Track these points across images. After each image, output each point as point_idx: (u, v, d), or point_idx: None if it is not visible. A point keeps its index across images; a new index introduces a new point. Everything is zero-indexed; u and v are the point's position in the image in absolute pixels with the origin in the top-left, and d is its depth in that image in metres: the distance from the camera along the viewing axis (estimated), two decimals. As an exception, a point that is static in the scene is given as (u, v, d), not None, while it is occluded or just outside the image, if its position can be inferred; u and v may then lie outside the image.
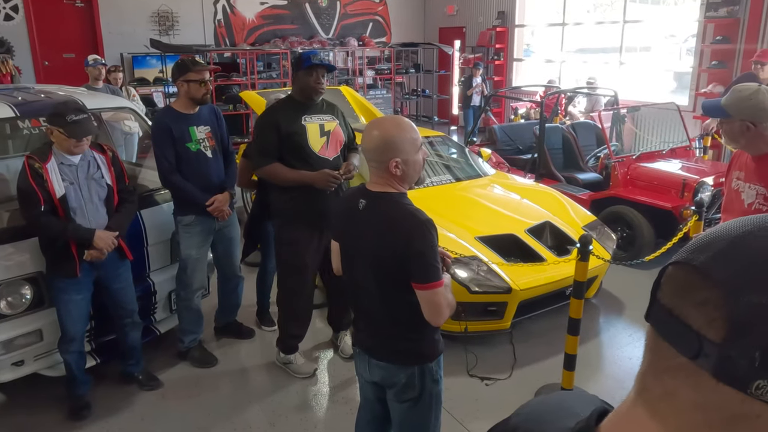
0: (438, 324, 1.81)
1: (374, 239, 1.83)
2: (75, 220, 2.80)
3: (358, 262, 1.92)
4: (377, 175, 1.86)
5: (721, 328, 0.42)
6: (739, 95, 2.20)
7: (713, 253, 0.45)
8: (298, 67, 3.15)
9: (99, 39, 10.03)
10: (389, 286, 1.83)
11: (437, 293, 1.77)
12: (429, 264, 1.75)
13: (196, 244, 3.35)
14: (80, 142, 2.76)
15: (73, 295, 2.86)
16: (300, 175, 3.13)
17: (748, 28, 7.34)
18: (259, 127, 3.22)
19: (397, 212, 1.81)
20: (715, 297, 0.43)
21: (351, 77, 11.17)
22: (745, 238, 0.45)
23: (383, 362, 1.93)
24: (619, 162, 5.34)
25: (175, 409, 3.16)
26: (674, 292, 0.47)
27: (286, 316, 3.40)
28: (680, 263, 0.48)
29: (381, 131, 1.83)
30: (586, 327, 3.87)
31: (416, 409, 1.95)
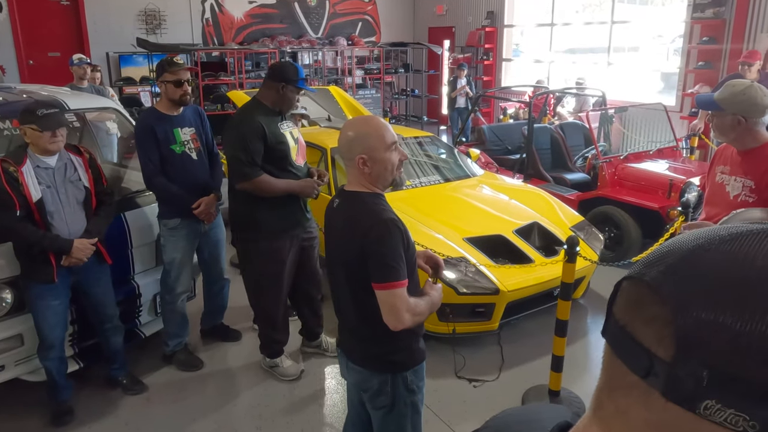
0: (395, 329, 1.72)
1: (340, 238, 1.82)
2: (52, 224, 2.75)
3: (333, 263, 1.91)
4: (350, 174, 1.87)
5: (669, 346, 0.41)
6: (732, 90, 2.27)
7: (663, 268, 0.44)
8: (283, 79, 3.06)
9: (85, 37, 9.92)
10: (357, 287, 1.80)
11: (394, 294, 1.70)
12: (385, 263, 1.70)
13: (181, 247, 3.31)
14: (55, 136, 2.71)
15: (50, 300, 2.80)
16: (288, 185, 3.10)
17: (734, 29, 7.40)
18: (244, 134, 2.99)
19: (360, 210, 1.79)
20: (664, 313, 0.42)
21: (340, 77, 11.14)
22: (695, 252, 0.44)
23: (357, 366, 1.91)
24: (606, 162, 5.36)
25: (160, 413, 3.12)
26: (626, 307, 0.46)
27: (268, 326, 3.37)
28: (632, 278, 0.46)
29: (350, 128, 1.85)
30: (574, 327, 3.88)
31: (390, 417, 1.91)
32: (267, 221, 3.12)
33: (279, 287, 3.27)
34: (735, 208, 2.35)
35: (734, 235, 0.44)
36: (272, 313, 3.33)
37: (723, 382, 0.38)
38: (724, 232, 0.45)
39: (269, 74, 3.16)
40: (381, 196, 1.85)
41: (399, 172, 1.87)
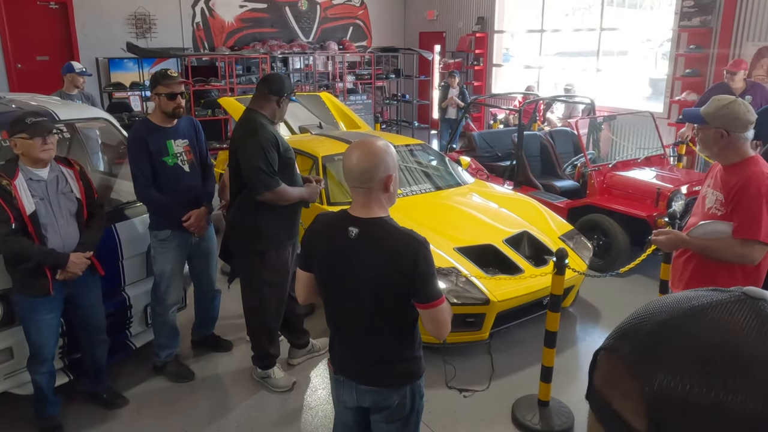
0: (443, 338, 1.88)
1: (374, 265, 1.80)
2: (46, 236, 2.74)
3: (349, 291, 1.88)
4: (366, 198, 1.84)
5: (644, 419, 0.44)
6: (717, 104, 2.35)
7: (635, 343, 0.47)
8: (282, 92, 3.12)
9: (74, 41, 9.85)
10: (391, 309, 1.84)
11: (443, 310, 1.82)
12: (434, 283, 1.81)
13: (171, 259, 3.31)
14: (45, 143, 2.70)
15: (44, 314, 2.79)
16: (300, 193, 3.16)
17: (720, 37, 7.50)
18: (263, 144, 2.97)
19: (397, 236, 1.82)
20: (637, 389, 0.45)
21: (331, 82, 11.15)
22: (662, 328, 0.46)
23: (375, 387, 1.93)
24: (595, 171, 5.41)
25: (151, 425, 3.11)
26: (605, 380, 0.49)
27: (266, 338, 3.37)
28: (607, 350, 0.50)
29: (370, 150, 1.82)
30: (564, 336, 3.92)
31: (406, 427, 1.98)
32: (274, 232, 3.15)
33: (282, 298, 3.30)
34: (706, 219, 2.41)
35: (697, 309, 0.47)
36: (272, 324, 3.34)
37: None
38: (689, 305, 0.47)
39: (270, 88, 3.13)
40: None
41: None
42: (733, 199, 2.32)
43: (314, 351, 3.73)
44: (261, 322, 3.33)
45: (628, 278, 4.97)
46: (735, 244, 2.30)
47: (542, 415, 3.09)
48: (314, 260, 1.95)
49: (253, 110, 3.15)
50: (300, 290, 2.04)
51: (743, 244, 2.28)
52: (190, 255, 3.47)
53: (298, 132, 6.01)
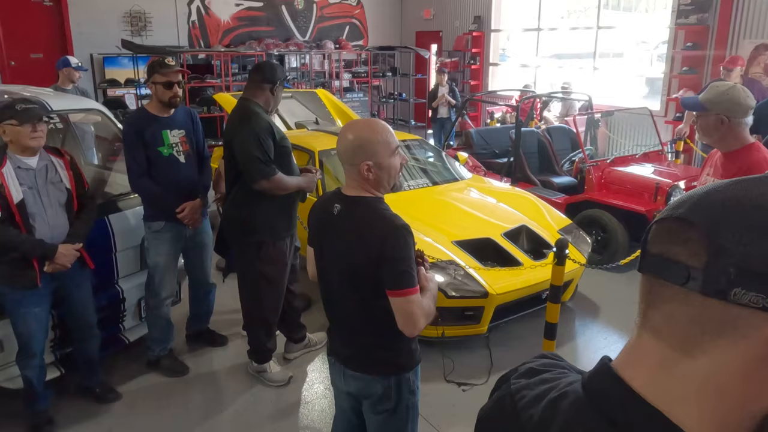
0: (412, 335, 1.74)
1: (349, 245, 1.77)
2: (34, 226, 2.68)
3: (332, 269, 1.86)
4: (351, 179, 1.82)
5: (702, 256, 0.54)
6: (716, 90, 2.34)
7: (689, 205, 0.58)
8: (275, 79, 3.06)
9: (68, 39, 9.78)
10: (365, 293, 1.78)
11: (411, 301, 1.70)
12: (402, 270, 1.69)
13: (165, 251, 3.25)
14: (35, 131, 2.65)
15: (32, 307, 2.72)
16: (297, 182, 3.11)
17: (717, 35, 7.50)
18: (258, 133, 2.92)
19: (372, 217, 1.76)
20: (696, 235, 0.55)
21: (327, 80, 11.11)
22: (710, 192, 0.58)
23: (359, 373, 1.88)
24: (593, 166, 5.38)
25: (144, 420, 3.05)
26: (662, 240, 0.59)
27: (263, 332, 3.32)
28: (664, 219, 0.60)
29: (354, 134, 1.79)
30: (562, 331, 3.88)
31: (392, 420, 1.91)
32: (271, 223, 3.09)
33: (280, 291, 3.25)
34: None
35: (737, 180, 0.59)
36: (270, 318, 3.29)
37: (745, 275, 0.52)
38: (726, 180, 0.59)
39: (262, 77, 3.07)
40: (383, 200, 1.84)
41: (399, 176, 1.86)
42: None
43: (311, 345, 3.68)
44: (258, 316, 3.28)
45: (626, 273, 4.94)
46: None
47: (542, 409, 3.04)
48: (313, 236, 1.96)
49: (247, 99, 3.09)
50: (309, 265, 2.03)
51: None
52: (185, 248, 3.41)
53: (294, 128, 5.98)
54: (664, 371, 0.58)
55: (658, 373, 0.58)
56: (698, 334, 0.55)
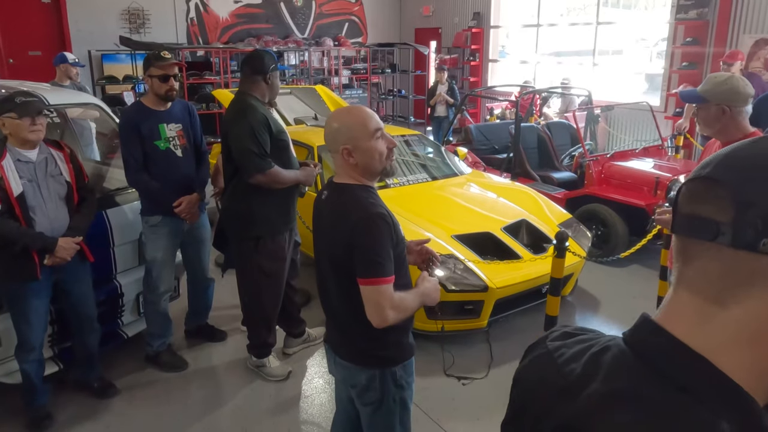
0: (378, 326, 1.68)
1: (329, 232, 1.79)
2: (34, 219, 2.67)
3: (320, 257, 1.87)
4: (338, 166, 1.83)
5: (730, 211, 0.58)
6: (715, 81, 2.35)
7: (714, 164, 0.61)
8: (266, 69, 3.00)
9: (66, 36, 9.76)
10: (345, 280, 1.75)
11: (378, 291, 1.66)
12: (370, 258, 1.66)
13: (163, 245, 3.24)
14: (35, 124, 2.64)
15: (32, 300, 2.71)
16: (295, 176, 3.07)
17: (717, 30, 7.48)
18: (253, 126, 2.88)
19: (349, 203, 1.75)
20: (722, 191, 0.59)
21: (327, 77, 11.08)
22: (734, 150, 0.62)
23: (345, 361, 1.87)
24: (593, 161, 5.37)
25: (143, 415, 3.04)
26: (691, 200, 0.62)
27: (263, 327, 3.30)
28: (692, 180, 0.63)
29: (333, 119, 1.81)
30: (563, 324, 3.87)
31: (379, 413, 1.88)
32: (269, 217, 3.06)
33: (279, 286, 3.22)
34: None
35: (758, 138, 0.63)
36: (269, 313, 3.26)
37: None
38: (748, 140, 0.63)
39: (252, 68, 3.04)
40: (371, 189, 1.81)
41: (390, 161, 1.81)
42: None
43: (310, 340, 3.67)
44: (257, 311, 3.26)
45: (626, 268, 4.94)
46: None
47: (542, 402, 3.03)
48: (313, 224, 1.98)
49: (243, 93, 3.07)
50: None
51: None
52: (183, 242, 3.40)
53: (293, 123, 5.96)
54: (701, 323, 0.60)
55: (697, 325, 0.61)
56: (731, 286, 0.58)
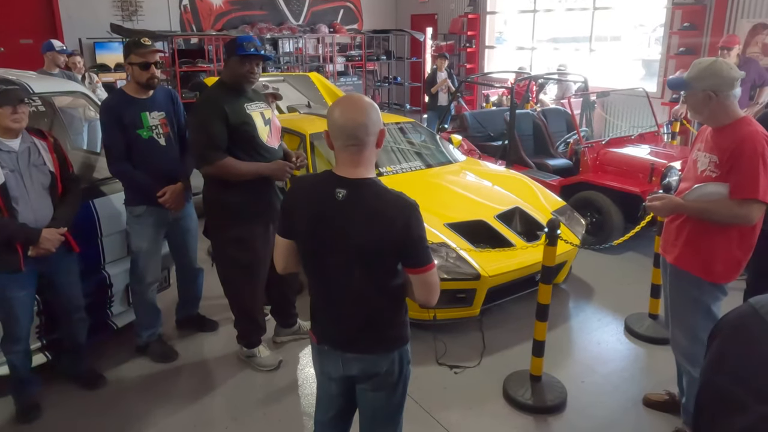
0: (432, 303, 1.81)
1: (364, 229, 1.70)
2: (17, 209, 2.62)
3: (335, 256, 1.77)
4: (357, 157, 1.72)
5: None
6: (698, 66, 2.34)
7: None
8: (231, 53, 2.95)
9: (58, 24, 9.65)
10: (380, 274, 1.76)
11: (433, 273, 1.77)
12: (425, 246, 1.74)
13: (148, 235, 3.19)
14: (16, 113, 2.59)
15: (16, 291, 2.68)
16: (257, 168, 2.97)
17: (714, 15, 7.40)
18: (204, 118, 2.88)
19: (388, 198, 1.72)
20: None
21: (321, 64, 10.98)
22: None
23: (364, 354, 1.85)
24: (588, 147, 5.33)
25: (133, 406, 3.02)
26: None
27: (245, 318, 3.27)
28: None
29: (361, 104, 1.72)
30: (556, 312, 3.86)
31: (393, 394, 1.92)
32: (236, 207, 3.00)
33: (252, 277, 3.16)
34: (699, 182, 2.35)
35: None
36: (247, 304, 3.22)
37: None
38: None
39: (225, 51, 3.08)
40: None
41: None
42: (728, 159, 2.27)
43: (301, 333, 3.63)
44: (237, 302, 3.24)
45: (621, 255, 4.92)
46: (733, 204, 2.25)
47: (534, 390, 3.02)
48: (296, 226, 1.82)
49: (217, 80, 3.10)
50: (278, 258, 1.93)
51: (741, 204, 2.23)
52: (170, 233, 3.36)
53: (286, 111, 5.90)
54: None
55: None
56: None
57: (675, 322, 2.59)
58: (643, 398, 3.02)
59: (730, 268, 2.40)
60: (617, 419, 2.93)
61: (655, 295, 3.74)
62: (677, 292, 2.55)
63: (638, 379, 3.25)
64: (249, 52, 2.91)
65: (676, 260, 2.49)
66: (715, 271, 2.39)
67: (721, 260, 2.38)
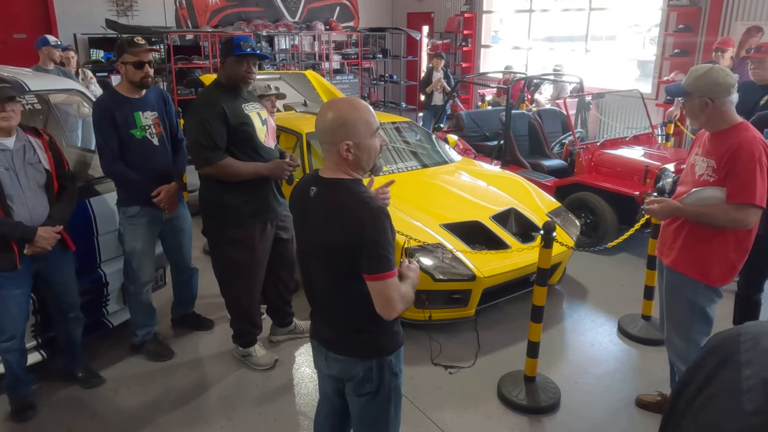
0: (389, 318, 1.71)
1: (325, 228, 1.74)
2: (12, 207, 2.62)
3: (310, 253, 1.83)
4: (329, 159, 1.77)
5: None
6: (696, 73, 2.36)
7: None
8: (227, 53, 2.95)
9: (52, 19, 9.58)
10: (343, 276, 1.74)
11: (388, 285, 1.67)
12: (380, 254, 1.65)
13: (142, 236, 3.18)
14: (5, 111, 2.58)
15: (12, 289, 2.67)
16: (256, 168, 2.98)
17: (709, 17, 7.45)
18: (204, 118, 2.87)
19: (348, 199, 1.72)
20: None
21: (317, 62, 10.97)
22: None
23: (341, 356, 1.86)
24: (583, 149, 5.35)
25: (128, 405, 3.02)
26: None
27: (241, 318, 3.28)
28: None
29: (334, 112, 1.74)
30: (550, 313, 3.88)
31: (375, 402, 1.89)
32: (234, 207, 3.00)
33: (250, 277, 3.16)
34: (697, 186, 2.38)
35: None
36: (244, 303, 3.23)
37: None
38: None
39: (221, 52, 3.08)
40: (361, 182, 1.79)
41: (378, 157, 1.81)
42: (726, 164, 2.30)
43: (297, 332, 3.64)
44: (233, 302, 3.25)
45: (615, 256, 4.95)
46: (730, 209, 2.28)
47: (528, 391, 3.05)
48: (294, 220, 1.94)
49: (214, 80, 3.08)
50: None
51: (738, 209, 2.27)
52: (163, 233, 3.35)
53: (282, 110, 5.89)
54: None
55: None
56: None
57: (670, 323, 2.62)
58: (635, 399, 3.05)
59: (726, 271, 2.43)
60: (610, 420, 2.96)
61: (648, 296, 3.77)
62: (673, 294, 2.58)
63: (631, 380, 3.28)
64: (246, 52, 2.91)
65: (672, 263, 2.52)
66: (712, 274, 2.43)
67: (717, 263, 2.41)
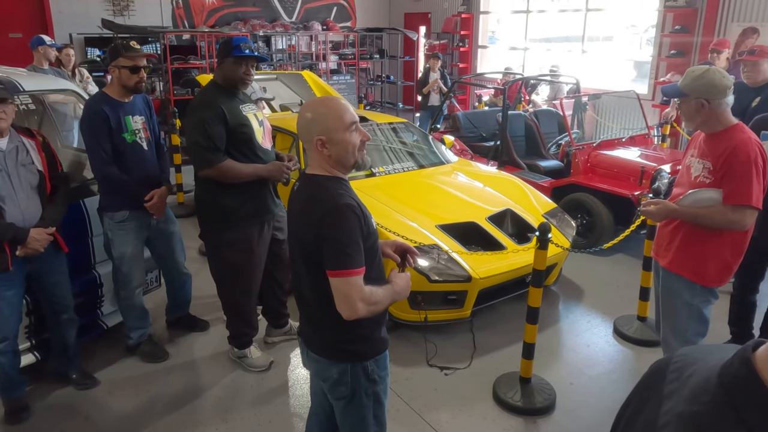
0: (348, 318, 1.66)
1: (300, 221, 1.75)
2: (5, 209, 2.61)
3: (292, 247, 1.85)
4: (311, 158, 1.79)
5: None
6: (692, 75, 2.37)
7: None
8: (225, 54, 2.93)
9: (48, 18, 9.55)
10: (315, 272, 1.72)
11: (347, 283, 1.63)
12: (339, 250, 1.63)
13: (131, 241, 3.15)
14: None
15: (4, 291, 2.66)
16: (256, 169, 2.97)
17: (705, 18, 7.47)
18: (203, 119, 2.84)
19: (318, 194, 1.72)
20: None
21: (314, 62, 10.95)
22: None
23: (316, 355, 1.84)
24: (579, 149, 5.36)
25: (123, 407, 3.01)
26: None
27: (238, 320, 3.27)
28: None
29: (308, 110, 1.78)
30: (546, 314, 3.88)
31: (351, 407, 1.86)
32: (232, 209, 2.99)
33: (247, 278, 3.15)
34: (694, 187, 2.39)
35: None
36: (241, 305, 3.22)
37: None
38: None
39: (217, 53, 3.06)
40: (342, 181, 1.78)
41: (362, 153, 1.78)
42: (722, 166, 2.31)
43: (292, 333, 3.63)
44: (229, 303, 3.24)
45: (611, 257, 4.96)
46: (726, 210, 2.29)
47: (524, 392, 3.05)
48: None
49: (210, 81, 3.06)
50: None
51: (734, 210, 2.28)
52: (152, 239, 3.31)
53: (279, 110, 5.89)
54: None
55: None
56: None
57: (666, 323, 2.62)
58: (631, 400, 3.05)
59: (722, 272, 2.44)
60: (605, 421, 2.95)
61: (643, 297, 3.78)
62: (669, 295, 2.59)
63: (626, 381, 3.28)
64: (244, 54, 2.90)
65: (669, 264, 2.53)
66: (708, 275, 2.44)
67: (713, 264, 2.42)
